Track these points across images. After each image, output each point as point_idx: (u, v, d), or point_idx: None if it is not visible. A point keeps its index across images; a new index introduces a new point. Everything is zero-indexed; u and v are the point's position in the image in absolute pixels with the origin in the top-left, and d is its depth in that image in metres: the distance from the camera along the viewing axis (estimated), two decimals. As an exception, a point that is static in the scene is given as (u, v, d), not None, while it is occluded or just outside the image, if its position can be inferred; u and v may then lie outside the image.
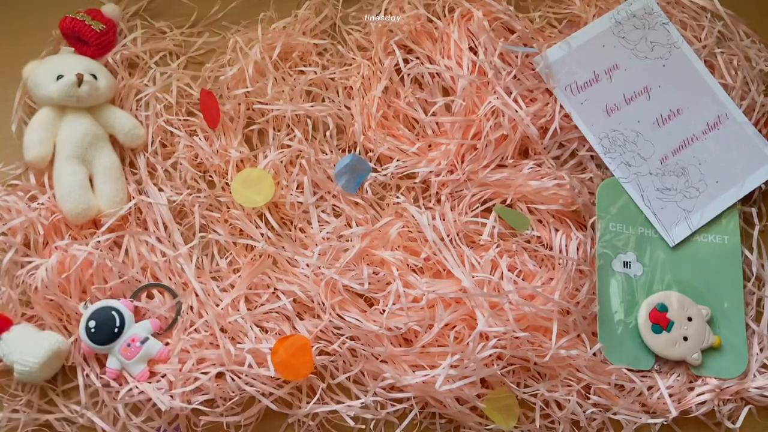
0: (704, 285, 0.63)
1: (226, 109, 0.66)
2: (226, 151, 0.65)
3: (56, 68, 0.63)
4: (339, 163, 0.64)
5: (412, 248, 0.62)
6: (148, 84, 0.68)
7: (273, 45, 0.68)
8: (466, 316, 0.59)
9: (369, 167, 0.64)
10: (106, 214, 0.61)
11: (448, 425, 0.59)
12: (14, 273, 0.60)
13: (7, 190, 0.63)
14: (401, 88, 0.68)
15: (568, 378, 0.59)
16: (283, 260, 0.62)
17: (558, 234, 0.63)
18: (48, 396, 0.59)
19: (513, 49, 0.67)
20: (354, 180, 0.64)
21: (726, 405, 0.60)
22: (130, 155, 0.66)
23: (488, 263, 0.60)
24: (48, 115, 0.63)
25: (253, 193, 0.62)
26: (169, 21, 0.71)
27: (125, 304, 0.59)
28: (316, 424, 0.58)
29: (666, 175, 0.66)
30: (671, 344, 0.60)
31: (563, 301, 0.58)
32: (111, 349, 0.58)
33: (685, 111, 0.67)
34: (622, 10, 0.69)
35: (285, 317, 0.60)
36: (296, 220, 0.63)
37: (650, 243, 0.64)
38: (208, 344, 0.59)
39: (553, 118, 0.66)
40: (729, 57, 0.69)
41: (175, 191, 0.64)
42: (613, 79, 0.68)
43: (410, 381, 0.57)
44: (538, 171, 0.65)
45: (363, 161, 0.64)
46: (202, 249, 0.63)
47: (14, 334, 0.57)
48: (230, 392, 0.56)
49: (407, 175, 0.65)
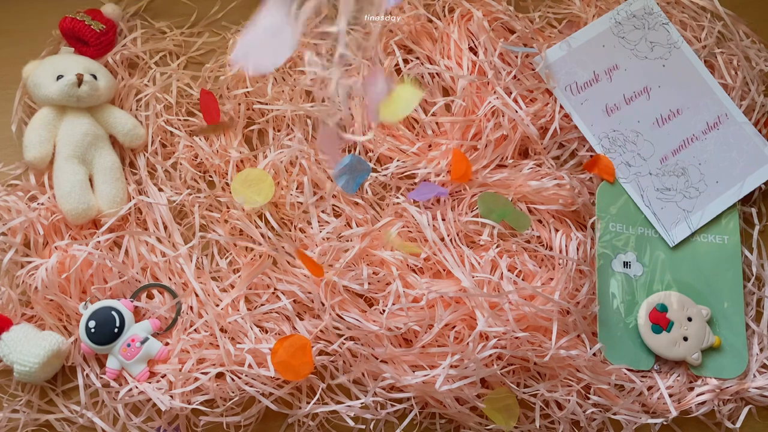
0: (704, 285, 0.63)
1: (226, 109, 0.66)
2: (226, 151, 0.65)
3: (56, 68, 0.63)
4: (339, 163, 0.64)
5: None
6: (148, 84, 0.68)
7: (273, 45, 0.68)
8: (466, 316, 0.59)
9: (369, 167, 0.64)
10: (106, 214, 0.61)
11: (448, 425, 0.59)
12: (14, 273, 0.60)
13: (7, 190, 0.63)
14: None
15: (568, 378, 0.58)
16: (283, 260, 0.62)
17: (558, 234, 0.63)
18: (48, 396, 0.59)
19: (513, 49, 0.67)
20: (354, 180, 0.64)
21: (726, 405, 0.60)
22: (130, 155, 0.66)
23: (488, 263, 0.60)
24: (48, 115, 0.63)
25: (253, 193, 0.62)
26: (169, 21, 0.71)
27: (125, 304, 0.59)
28: (316, 424, 0.58)
29: (666, 175, 0.66)
30: (671, 344, 0.60)
31: (563, 301, 0.58)
32: (111, 349, 0.58)
33: (685, 111, 0.67)
34: (622, 10, 0.69)
35: (285, 317, 0.60)
36: (296, 220, 0.63)
37: (650, 243, 0.64)
38: (208, 344, 0.59)
39: (552, 118, 0.66)
40: (729, 57, 0.69)
41: (175, 191, 0.64)
42: (613, 79, 0.68)
43: (410, 381, 0.57)
44: (538, 171, 0.65)
45: (362, 161, 0.64)
46: (202, 249, 0.63)
47: (14, 334, 0.57)
48: (230, 392, 0.56)
49: (407, 175, 0.65)
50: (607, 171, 0.65)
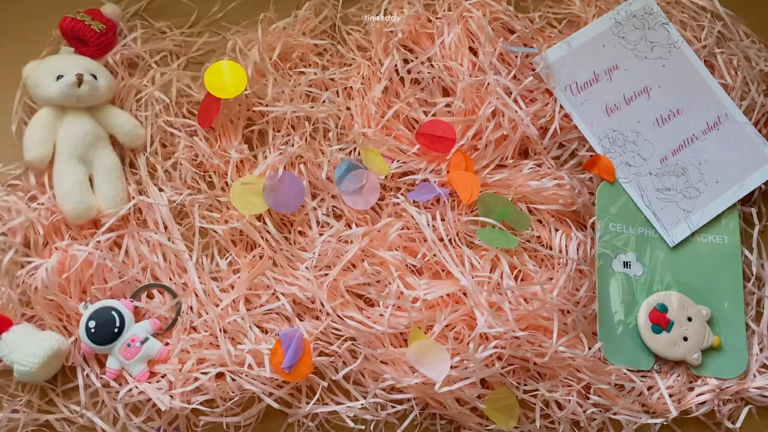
0: (704, 285, 0.63)
1: (225, 111, 0.66)
2: (226, 151, 0.65)
3: (56, 68, 0.63)
4: (337, 170, 0.64)
5: (411, 248, 0.62)
6: (148, 84, 0.68)
7: (273, 46, 0.68)
8: (466, 316, 0.59)
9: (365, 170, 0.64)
10: (106, 214, 0.61)
11: (449, 426, 0.59)
12: (14, 273, 0.60)
13: (7, 190, 0.63)
14: (401, 88, 0.68)
15: (568, 378, 0.59)
16: (283, 261, 0.62)
17: (558, 234, 0.63)
18: (48, 396, 0.59)
19: (513, 50, 0.67)
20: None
21: (726, 405, 0.60)
22: (130, 155, 0.66)
23: (488, 263, 0.60)
24: (48, 115, 0.63)
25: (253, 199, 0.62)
26: (169, 21, 0.71)
27: (125, 304, 0.59)
28: (316, 424, 0.58)
29: (666, 175, 0.65)
30: (671, 344, 0.60)
31: (562, 300, 0.58)
32: (111, 349, 0.58)
33: (685, 111, 0.67)
34: (622, 10, 0.69)
35: (285, 318, 0.60)
36: (296, 223, 0.63)
37: (650, 243, 0.64)
38: (208, 344, 0.59)
39: (552, 118, 0.66)
40: (729, 57, 0.69)
41: (176, 191, 0.64)
42: (613, 79, 0.68)
43: (410, 382, 0.57)
44: (537, 171, 0.65)
45: (358, 165, 0.64)
46: (202, 249, 0.63)
47: (14, 334, 0.57)
48: (230, 392, 0.56)
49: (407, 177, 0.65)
50: (606, 171, 0.65)
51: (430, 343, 0.56)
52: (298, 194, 0.62)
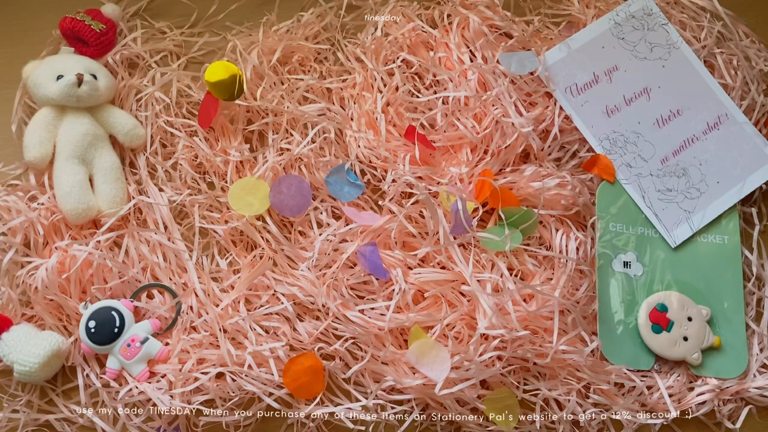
0: (704, 285, 0.63)
1: (225, 112, 0.66)
2: (226, 152, 0.64)
3: (56, 68, 0.63)
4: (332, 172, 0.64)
5: (411, 244, 0.62)
6: (148, 84, 0.68)
7: (273, 49, 0.67)
8: (466, 316, 0.59)
9: (361, 185, 0.64)
10: (106, 214, 0.61)
11: (449, 426, 0.59)
12: (14, 273, 0.60)
13: (7, 190, 0.63)
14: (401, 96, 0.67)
15: (568, 378, 0.58)
16: (283, 262, 0.62)
17: (558, 234, 0.63)
18: (48, 396, 0.59)
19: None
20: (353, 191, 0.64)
21: (726, 405, 0.60)
22: (130, 155, 0.66)
23: (488, 263, 0.60)
24: (48, 115, 0.63)
25: (252, 200, 0.62)
26: (169, 21, 0.71)
27: (125, 304, 0.59)
28: (316, 425, 0.58)
29: (667, 175, 0.66)
30: (671, 344, 0.60)
31: (563, 300, 0.58)
32: (111, 349, 0.58)
33: (685, 111, 0.67)
34: (621, 11, 0.69)
35: (285, 318, 0.60)
36: (296, 223, 0.63)
37: (650, 243, 0.64)
38: (208, 344, 0.59)
39: (553, 122, 0.65)
40: (729, 57, 0.69)
41: (176, 191, 0.64)
42: (613, 80, 0.68)
43: (410, 383, 0.57)
44: (539, 173, 0.64)
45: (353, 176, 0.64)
46: (202, 249, 0.63)
47: (14, 334, 0.57)
48: (230, 392, 0.56)
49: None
50: (606, 171, 0.65)
51: (431, 343, 0.56)
52: (305, 198, 0.62)
